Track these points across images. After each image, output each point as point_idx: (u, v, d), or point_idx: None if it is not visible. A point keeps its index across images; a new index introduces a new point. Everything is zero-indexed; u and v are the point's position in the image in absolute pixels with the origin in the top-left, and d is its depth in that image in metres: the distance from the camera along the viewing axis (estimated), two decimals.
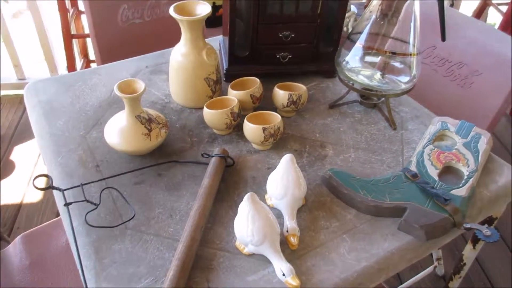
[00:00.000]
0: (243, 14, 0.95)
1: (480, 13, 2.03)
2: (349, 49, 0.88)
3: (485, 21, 2.30)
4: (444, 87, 1.20)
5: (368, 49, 0.86)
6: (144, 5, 1.36)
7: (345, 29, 1.78)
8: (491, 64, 1.09)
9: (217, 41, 1.12)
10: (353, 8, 1.85)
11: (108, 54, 1.32)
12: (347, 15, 1.75)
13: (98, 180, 0.75)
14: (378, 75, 0.90)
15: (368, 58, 0.88)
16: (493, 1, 2.02)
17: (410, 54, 0.85)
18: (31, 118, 0.93)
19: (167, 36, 0.84)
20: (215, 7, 1.70)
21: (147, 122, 0.78)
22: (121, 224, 0.69)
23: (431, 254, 1.43)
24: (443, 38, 0.84)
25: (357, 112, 0.95)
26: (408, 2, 0.81)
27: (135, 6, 1.34)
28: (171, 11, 0.82)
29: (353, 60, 0.87)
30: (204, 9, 0.84)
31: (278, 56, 0.98)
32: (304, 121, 0.92)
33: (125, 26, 1.35)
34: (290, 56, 0.99)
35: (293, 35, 0.95)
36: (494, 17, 2.57)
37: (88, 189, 0.74)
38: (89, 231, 0.68)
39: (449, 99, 1.19)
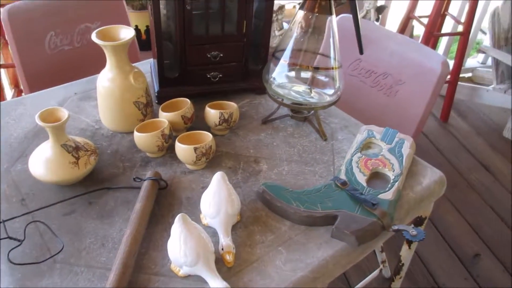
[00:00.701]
0: (171, 36, 0.95)
1: (405, 26, 2.16)
2: (277, 65, 0.91)
3: (411, 33, 2.45)
4: (372, 96, 1.26)
5: (292, 65, 0.89)
6: (73, 31, 1.34)
7: None
8: (412, 73, 1.16)
9: (148, 64, 1.11)
10: (285, 25, 1.91)
11: (36, 83, 1.28)
12: (280, 32, 1.81)
13: (23, 215, 0.72)
14: (305, 89, 0.94)
15: (294, 74, 0.91)
16: (415, 15, 2.16)
17: (332, 68, 0.89)
18: None
19: (100, 61, 0.83)
20: (148, 30, 1.70)
21: (74, 150, 0.76)
22: (49, 258, 0.66)
23: (376, 257, 1.48)
24: (361, 51, 0.88)
25: (289, 126, 0.97)
26: (328, 19, 0.85)
27: (63, 32, 1.31)
28: (94, 37, 0.81)
29: (280, 76, 0.90)
30: (127, 34, 0.84)
31: (208, 75, 0.99)
32: (238, 138, 0.93)
33: (53, 53, 1.31)
34: (220, 75, 1.00)
35: (221, 55, 0.97)
36: (419, 29, 2.74)
37: (11, 225, 0.71)
38: (13, 269, 0.65)
39: (378, 107, 1.25)
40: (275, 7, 1.74)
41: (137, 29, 1.66)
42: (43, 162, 0.75)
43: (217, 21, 0.93)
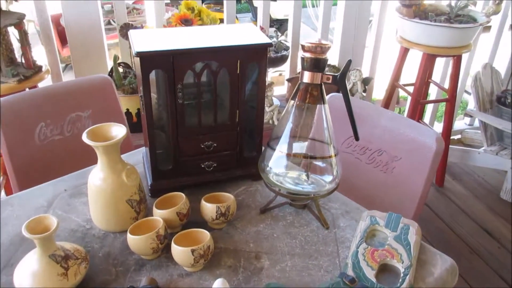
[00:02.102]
0: (163, 126, 0.94)
1: (390, 94, 2.21)
2: (272, 154, 0.89)
3: (397, 96, 2.49)
4: (369, 173, 1.24)
5: (288, 155, 0.87)
6: (63, 121, 1.33)
7: (270, 122, 1.84)
8: (407, 150, 1.16)
9: (141, 153, 1.09)
10: (275, 101, 1.94)
11: (25, 175, 1.24)
12: (270, 108, 1.82)
13: None
14: (303, 175, 0.91)
15: (291, 162, 0.89)
16: (400, 83, 2.21)
17: (330, 156, 0.87)
18: None
19: (92, 150, 0.81)
20: (139, 113, 1.70)
21: (63, 260, 0.71)
22: None
23: None
24: (356, 138, 0.87)
25: (289, 214, 0.94)
26: (321, 107, 0.85)
27: (53, 122, 1.30)
28: (84, 137, 0.79)
29: (276, 165, 0.88)
30: (119, 132, 0.82)
31: (202, 165, 0.97)
32: (236, 231, 0.89)
33: (43, 144, 1.29)
34: (214, 165, 0.98)
35: (215, 144, 0.96)
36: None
37: None
38: None
39: (376, 184, 1.23)
40: None
41: (128, 113, 1.66)
42: (29, 275, 0.70)
43: (210, 112, 0.92)
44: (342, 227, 0.90)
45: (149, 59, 0.82)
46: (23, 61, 1.53)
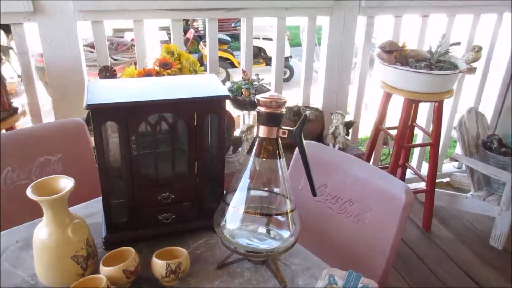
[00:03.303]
0: (121, 176, 0.91)
1: (375, 138, 2.20)
2: (228, 210, 0.86)
3: (386, 139, 2.48)
4: (341, 223, 1.20)
5: (245, 212, 0.84)
6: (31, 165, 1.30)
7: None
8: (378, 201, 1.13)
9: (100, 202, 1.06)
10: None
11: None
12: None
13: None
14: (262, 230, 0.88)
15: (247, 218, 0.85)
16: (384, 127, 2.20)
17: (286, 212, 0.84)
18: None
19: None
20: None
21: None
22: None
23: None
24: (314, 194, 0.85)
25: (247, 270, 0.90)
26: (278, 162, 0.83)
27: (20, 167, 1.28)
28: (29, 192, 0.77)
29: (231, 220, 0.85)
30: (67, 184, 0.80)
31: (160, 217, 0.94)
32: None
33: (9, 188, 1.26)
34: (173, 216, 0.95)
35: (173, 196, 0.93)
36: None
37: None
38: None
39: (348, 234, 1.19)
40: (244, 127, 1.76)
41: None
42: None
43: (167, 163, 0.90)
44: (300, 285, 0.86)
45: (100, 112, 0.81)
46: None
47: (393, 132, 2.12)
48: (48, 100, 1.86)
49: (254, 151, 0.82)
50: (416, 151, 2.62)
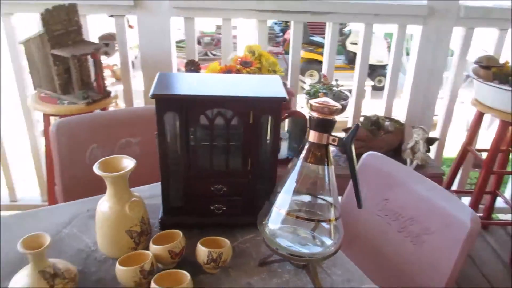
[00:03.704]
0: (179, 165, 0.97)
1: (461, 159, 2.05)
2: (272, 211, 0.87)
3: (478, 162, 2.29)
4: (398, 242, 1.15)
5: (287, 214, 0.84)
6: (114, 145, 1.44)
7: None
8: (440, 224, 1.06)
9: None
10: None
11: (71, 190, 1.36)
12: None
13: None
14: (304, 234, 0.88)
15: (289, 221, 0.86)
16: (475, 147, 2.04)
17: (329, 220, 0.83)
18: None
19: (136, 175, 0.89)
20: None
21: (51, 277, 0.76)
22: None
23: None
24: (359, 205, 0.83)
25: (287, 272, 0.90)
26: (326, 169, 0.82)
27: (105, 145, 1.42)
28: (95, 168, 0.85)
29: (273, 223, 0.86)
30: (128, 164, 0.87)
31: (212, 207, 0.98)
32: (228, 279, 0.88)
33: (92, 164, 1.40)
34: (224, 208, 0.99)
35: (225, 189, 0.97)
36: None
37: None
38: None
39: (404, 255, 1.13)
40: None
41: None
42: (19, 285, 0.76)
43: (222, 156, 0.94)
44: None
45: (163, 102, 0.87)
46: (95, 86, 1.70)
47: (480, 157, 1.95)
48: None
49: (302, 155, 0.82)
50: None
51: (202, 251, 0.86)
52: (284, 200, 0.84)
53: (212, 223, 0.99)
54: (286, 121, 1.83)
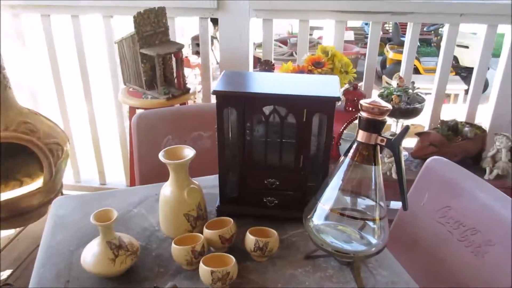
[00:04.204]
0: (235, 158, 1.04)
1: None
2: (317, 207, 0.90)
3: None
4: (458, 252, 1.10)
5: (331, 211, 0.86)
6: (187, 137, 1.55)
7: (388, 173, 1.77)
8: (503, 235, 1.00)
9: None
10: None
11: (147, 175, 1.50)
12: (389, 159, 1.75)
13: None
14: (349, 231, 0.89)
15: (333, 217, 0.88)
16: None
17: (374, 219, 0.84)
18: (45, 229, 1.08)
19: (204, 166, 0.97)
20: None
21: (116, 248, 0.87)
22: None
23: None
24: (404, 207, 0.82)
25: (331, 268, 0.93)
26: (373, 168, 0.83)
27: (179, 137, 1.54)
28: (160, 155, 0.95)
29: (317, 218, 0.89)
30: (189, 153, 0.96)
31: (265, 200, 1.04)
32: (273, 268, 0.93)
33: None
34: (276, 201, 1.03)
35: (278, 183, 1.01)
36: None
37: None
38: None
39: (462, 265, 1.08)
40: (387, 135, 1.71)
41: None
42: (89, 253, 0.88)
43: (276, 152, 0.99)
44: None
45: (223, 98, 0.94)
46: (176, 83, 1.84)
47: None
48: None
49: (350, 153, 0.84)
50: None
51: (250, 239, 0.92)
52: (329, 196, 0.86)
53: (264, 215, 1.04)
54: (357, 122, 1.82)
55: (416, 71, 6.67)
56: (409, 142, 1.98)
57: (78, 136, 2.45)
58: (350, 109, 1.75)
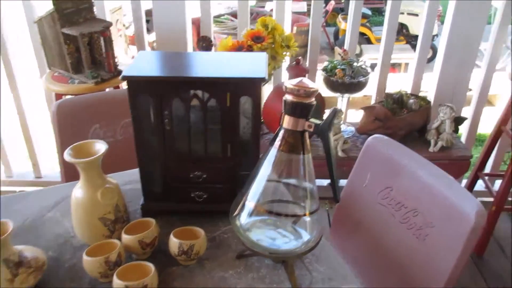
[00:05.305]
0: (155, 150, 0.93)
1: (494, 140, 1.88)
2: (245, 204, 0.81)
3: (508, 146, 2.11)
4: (401, 234, 1.06)
5: (257, 208, 0.78)
6: (117, 125, 1.42)
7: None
8: (442, 217, 0.96)
9: None
10: (345, 128, 1.80)
11: (73, 171, 1.36)
12: (335, 137, 1.69)
13: None
14: (277, 228, 0.82)
15: (260, 214, 0.80)
16: (508, 128, 1.86)
17: (304, 214, 0.76)
18: None
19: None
20: None
21: (15, 266, 0.75)
22: None
23: None
24: (336, 199, 0.75)
25: (265, 267, 0.85)
26: (301, 157, 0.75)
27: (107, 125, 1.40)
28: (66, 154, 0.83)
29: (244, 215, 0.80)
30: (100, 148, 0.84)
31: (193, 195, 0.94)
32: (202, 271, 0.84)
33: None
34: (205, 196, 0.94)
35: (205, 176, 0.92)
36: None
37: None
38: None
39: (405, 249, 1.04)
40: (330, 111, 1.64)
41: None
42: None
43: (200, 142, 0.89)
44: None
45: (136, 84, 0.82)
46: (106, 65, 1.69)
47: None
48: None
49: (276, 142, 0.75)
50: None
51: (173, 243, 0.82)
52: (256, 191, 0.78)
53: (194, 211, 0.95)
54: None
55: (369, 41, 6.68)
56: (357, 117, 1.93)
57: (6, 126, 2.24)
58: None
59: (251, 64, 0.88)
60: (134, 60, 0.88)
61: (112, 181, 0.88)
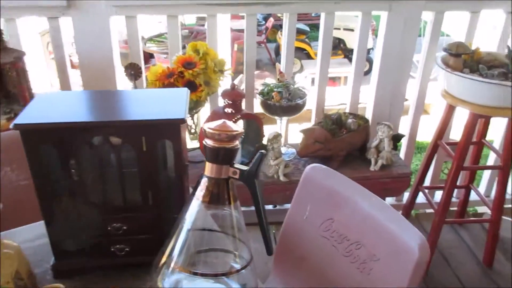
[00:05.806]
0: (64, 204, 0.81)
1: (431, 154, 1.90)
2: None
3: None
4: (344, 268, 1.00)
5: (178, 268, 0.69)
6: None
7: (275, 176, 1.65)
8: (387, 250, 0.91)
9: None
10: (286, 151, 1.75)
11: None
12: (275, 162, 1.63)
13: None
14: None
15: (183, 275, 0.71)
16: (443, 142, 1.90)
17: (230, 272, 0.68)
18: None
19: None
20: None
21: None
22: None
23: None
24: (268, 252, 0.67)
25: None
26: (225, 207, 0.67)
27: (20, 167, 1.26)
28: None
29: (167, 277, 0.70)
30: None
31: (113, 249, 0.83)
32: None
33: (7, 189, 1.25)
34: (127, 249, 0.83)
35: (125, 227, 0.81)
36: None
37: None
38: None
39: (350, 283, 0.99)
40: (270, 136, 1.59)
41: None
42: None
43: (116, 191, 0.79)
44: None
45: (31, 133, 0.71)
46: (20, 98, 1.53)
47: (451, 152, 1.81)
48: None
49: (197, 192, 0.66)
50: (485, 177, 2.25)
51: None
52: (176, 249, 0.68)
53: (115, 265, 0.84)
54: (241, 122, 1.68)
55: (309, 56, 6.81)
56: (297, 139, 1.89)
57: None
58: (230, 111, 1.60)
59: (170, 104, 0.79)
60: (31, 104, 0.77)
61: (11, 245, 0.76)
